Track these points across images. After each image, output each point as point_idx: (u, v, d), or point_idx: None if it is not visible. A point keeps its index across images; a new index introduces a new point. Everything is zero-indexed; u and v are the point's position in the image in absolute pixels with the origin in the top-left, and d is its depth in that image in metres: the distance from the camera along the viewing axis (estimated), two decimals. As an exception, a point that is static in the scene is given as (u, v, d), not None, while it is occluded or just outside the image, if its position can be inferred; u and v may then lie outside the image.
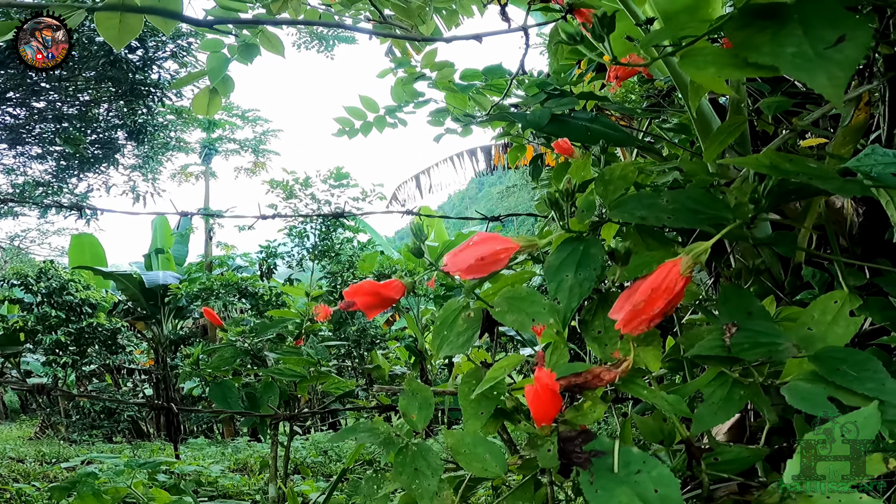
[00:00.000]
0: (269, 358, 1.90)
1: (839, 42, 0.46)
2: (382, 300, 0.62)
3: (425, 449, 0.82)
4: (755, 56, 0.48)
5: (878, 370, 0.47)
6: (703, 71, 0.53)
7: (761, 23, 0.50)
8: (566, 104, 1.67)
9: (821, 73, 0.44)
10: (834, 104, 0.44)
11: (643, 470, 0.54)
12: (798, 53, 0.47)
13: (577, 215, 0.67)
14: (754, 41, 0.49)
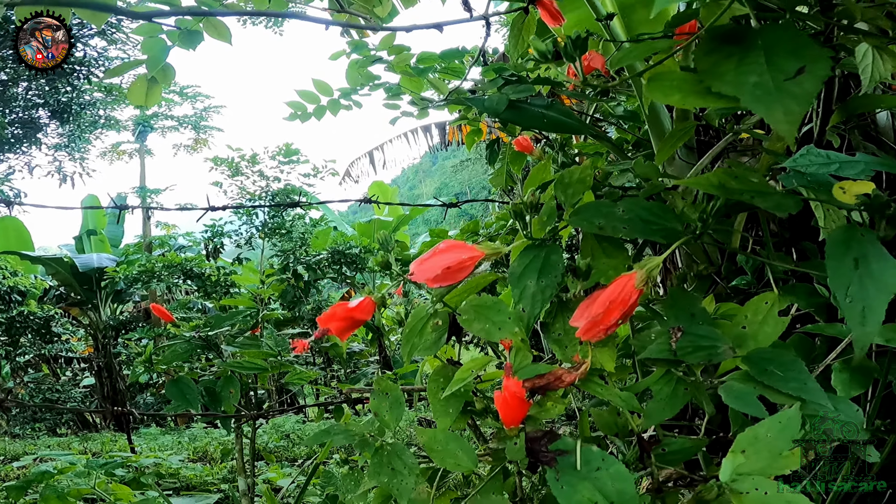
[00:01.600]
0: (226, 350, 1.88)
1: (798, 74, 0.48)
2: (355, 323, 0.64)
3: (400, 449, 0.86)
4: (718, 86, 0.50)
5: (801, 370, 0.55)
6: (669, 97, 0.56)
7: (728, 48, 0.52)
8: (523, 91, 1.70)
9: (778, 108, 0.47)
10: (787, 140, 0.47)
11: (602, 467, 0.61)
12: (759, 84, 0.49)
13: (538, 223, 0.71)
14: (719, 69, 0.51)
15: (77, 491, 1.91)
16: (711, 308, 0.72)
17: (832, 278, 0.49)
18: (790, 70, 0.49)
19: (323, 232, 6.70)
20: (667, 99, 0.55)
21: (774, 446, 0.50)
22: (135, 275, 6.40)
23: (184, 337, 1.73)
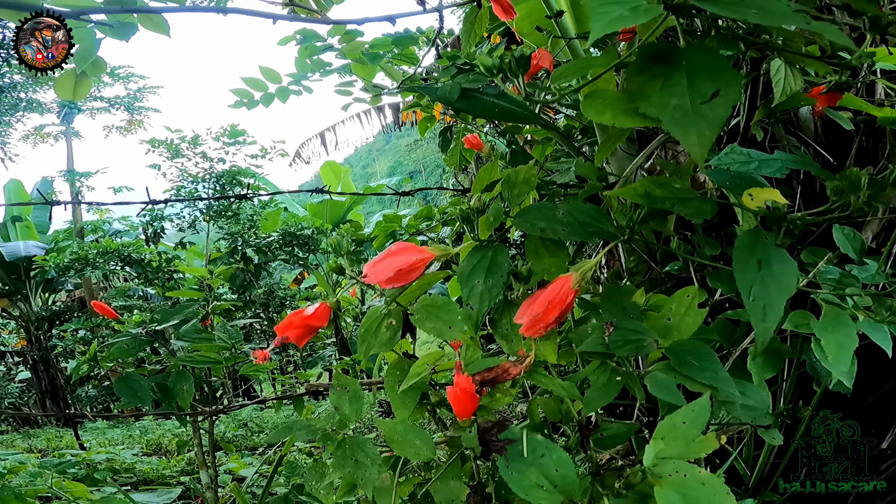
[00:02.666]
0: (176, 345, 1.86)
1: (713, 97, 0.51)
2: (312, 329, 0.67)
3: (362, 441, 0.90)
4: (644, 107, 0.54)
5: (713, 361, 0.63)
6: (602, 115, 0.59)
7: (657, 68, 0.56)
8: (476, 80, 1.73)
9: (692, 131, 0.51)
10: (698, 163, 0.51)
11: (546, 454, 0.67)
12: (679, 107, 0.52)
13: (485, 223, 0.76)
14: (646, 89, 0.54)
15: (34, 491, 1.87)
16: (642, 300, 0.79)
17: (738, 279, 0.57)
18: (707, 93, 0.52)
19: (273, 213, 6.55)
20: (599, 118, 0.59)
21: (689, 433, 0.58)
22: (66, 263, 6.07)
23: (129, 333, 1.69)
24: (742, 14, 0.47)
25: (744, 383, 0.71)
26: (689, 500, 0.55)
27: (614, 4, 0.50)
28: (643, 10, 0.50)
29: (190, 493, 2.90)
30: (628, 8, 0.48)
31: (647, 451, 0.58)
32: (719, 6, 0.49)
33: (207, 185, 5.38)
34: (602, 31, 0.48)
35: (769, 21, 0.46)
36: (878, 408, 1.37)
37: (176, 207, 5.43)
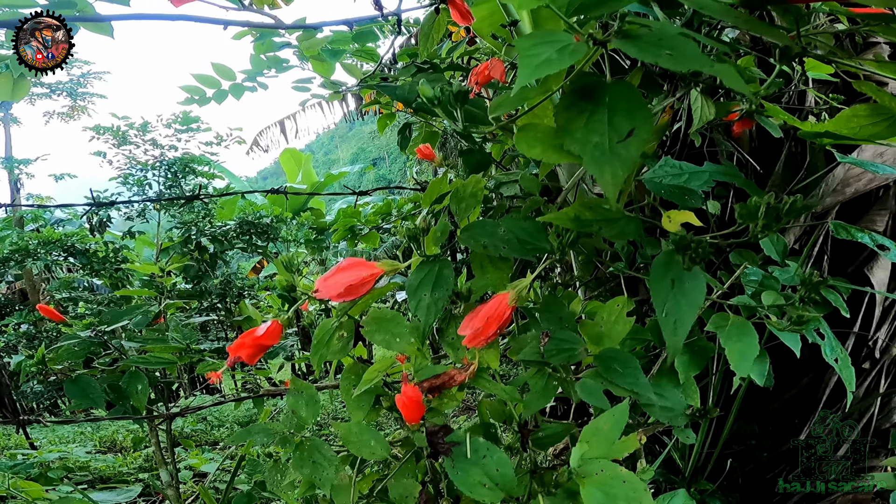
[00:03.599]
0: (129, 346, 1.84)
1: (629, 136, 0.54)
2: (264, 348, 0.71)
3: (319, 444, 0.95)
4: (568, 143, 0.57)
5: (635, 367, 0.70)
6: (532, 150, 0.63)
7: (583, 104, 0.58)
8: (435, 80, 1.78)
9: (608, 170, 0.53)
10: (610, 201, 0.53)
11: (487, 455, 0.74)
12: (598, 145, 0.54)
13: (433, 238, 0.81)
14: (572, 126, 0.57)
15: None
16: (579, 308, 0.86)
17: (654, 297, 0.64)
18: (624, 132, 0.54)
19: (230, 201, 6.41)
20: (530, 152, 0.63)
21: (611, 435, 0.65)
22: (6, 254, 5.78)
23: (77, 336, 1.67)
24: (656, 57, 0.51)
25: (663, 386, 0.80)
26: (610, 498, 0.62)
27: (544, 45, 0.53)
28: (570, 52, 0.53)
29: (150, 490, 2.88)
30: (556, 49, 0.51)
31: (574, 453, 0.65)
32: (637, 48, 0.52)
33: (158, 174, 5.21)
34: (529, 77, 0.50)
35: (678, 66, 0.50)
36: (798, 400, 1.51)
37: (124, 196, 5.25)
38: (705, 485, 1.70)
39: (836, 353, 1.02)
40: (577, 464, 0.65)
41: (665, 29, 0.53)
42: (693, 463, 1.70)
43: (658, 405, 0.76)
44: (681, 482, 1.76)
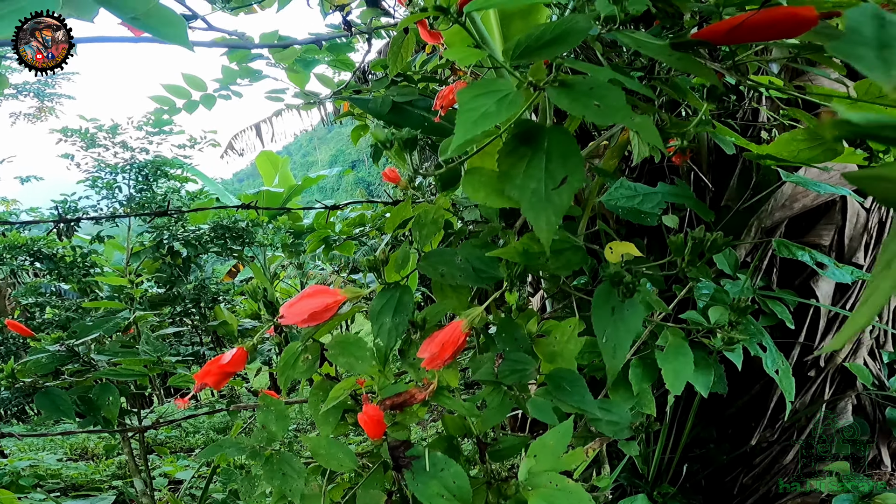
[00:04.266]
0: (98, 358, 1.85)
1: (562, 184, 0.56)
2: (229, 375, 0.75)
3: (288, 457, 1.00)
4: (509, 189, 0.58)
5: (582, 386, 0.76)
6: (477, 194, 0.66)
7: (524, 149, 0.60)
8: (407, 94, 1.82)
9: (542, 217, 0.56)
10: (545, 246, 0.55)
11: (445, 468, 0.79)
12: (536, 191, 0.57)
13: (394, 265, 0.86)
14: (513, 171, 0.59)
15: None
16: (535, 328, 0.92)
17: (595, 323, 0.70)
18: (558, 178, 0.56)
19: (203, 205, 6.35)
20: (475, 196, 0.67)
21: (556, 450, 0.71)
22: (-32, 258, 5.63)
23: (46, 350, 1.67)
24: (584, 109, 0.53)
25: (610, 402, 0.86)
26: (555, 507, 0.68)
27: (486, 96, 0.55)
28: (508, 103, 0.55)
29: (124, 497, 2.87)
30: (496, 101, 0.54)
31: (522, 467, 0.71)
32: (569, 99, 0.55)
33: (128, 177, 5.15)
34: (466, 134, 0.52)
35: (603, 120, 0.52)
36: (751, 406, 1.60)
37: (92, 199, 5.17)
38: (666, 488, 1.78)
39: (778, 364, 1.10)
40: (524, 477, 0.70)
41: (598, 76, 0.56)
42: (655, 468, 1.78)
43: (605, 420, 0.82)
44: (644, 486, 1.85)
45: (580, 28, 0.53)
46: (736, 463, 1.78)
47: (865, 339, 1.37)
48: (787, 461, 1.52)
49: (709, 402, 1.74)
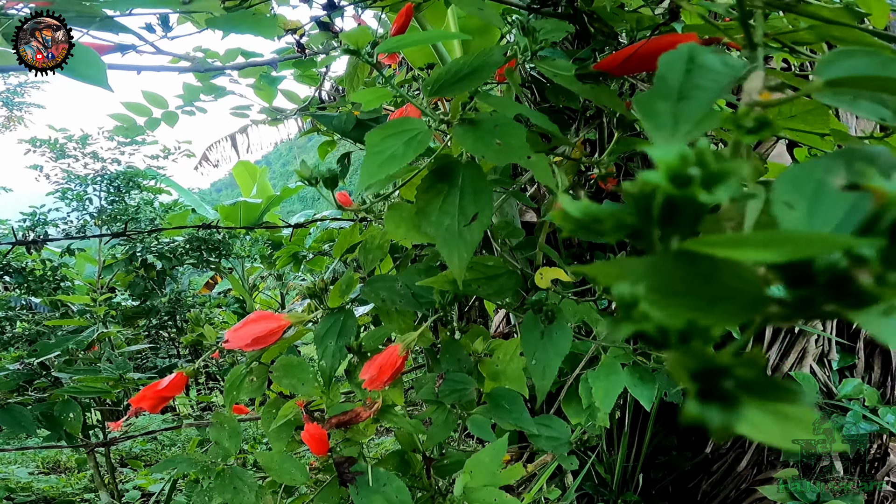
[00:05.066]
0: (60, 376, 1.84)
1: (473, 220, 0.58)
2: (165, 399, 0.77)
3: (240, 471, 1.02)
4: (425, 225, 0.59)
5: (520, 405, 0.80)
6: (398, 230, 0.68)
7: (440, 185, 0.61)
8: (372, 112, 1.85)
9: (455, 253, 0.58)
10: (458, 280, 0.56)
11: (388, 483, 0.82)
12: (449, 227, 0.58)
13: (338, 290, 0.89)
14: (429, 208, 0.60)
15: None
16: (482, 347, 0.96)
17: (524, 346, 0.74)
18: (469, 215, 0.57)
19: (178, 216, 6.29)
20: (395, 232, 0.68)
21: (492, 467, 0.74)
22: (-68, 272, 5.49)
23: (6, 369, 1.67)
24: (485, 150, 0.54)
25: (550, 418, 0.90)
26: (489, 522, 0.72)
27: (395, 137, 0.56)
28: (416, 144, 0.56)
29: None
30: (404, 141, 0.56)
31: (458, 483, 0.74)
32: (472, 139, 0.56)
33: (99, 188, 5.09)
34: (371, 178, 0.53)
35: (500, 160, 0.54)
36: None
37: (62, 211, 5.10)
38: (630, 496, 1.83)
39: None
40: (459, 492, 0.73)
41: (504, 113, 0.58)
42: (619, 476, 1.82)
43: (544, 436, 0.86)
44: (609, 495, 1.89)
45: (494, 61, 0.57)
46: (698, 470, 1.83)
47: (811, 348, 1.43)
48: (741, 468, 1.57)
49: (669, 410, 1.79)
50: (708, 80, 0.25)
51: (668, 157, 0.15)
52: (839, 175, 0.18)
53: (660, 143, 0.23)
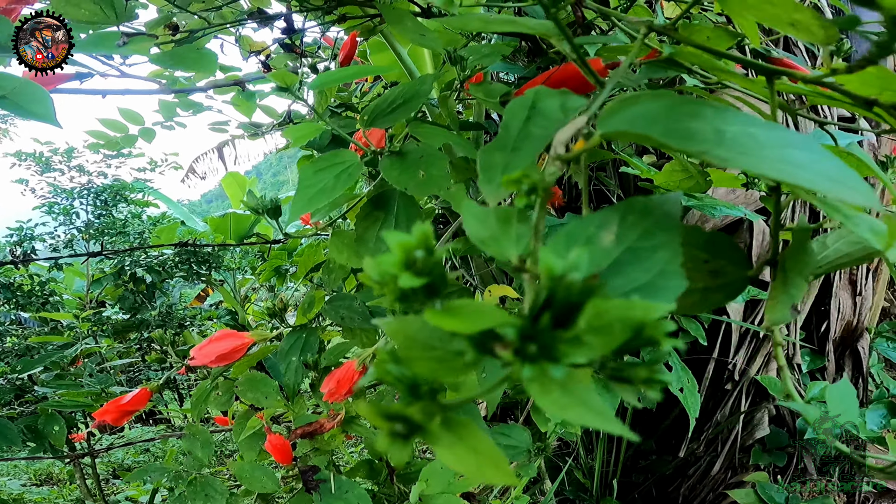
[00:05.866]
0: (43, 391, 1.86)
1: None
2: (128, 413, 0.80)
3: (211, 480, 1.05)
4: (363, 251, 0.61)
5: (477, 415, 0.83)
6: (341, 255, 0.71)
7: (377, 213, 0.62)
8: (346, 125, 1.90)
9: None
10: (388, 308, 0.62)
11: (350, 490, 0.85)
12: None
13: (302, 310, 0.92)
14: (367, 235, 0.61)
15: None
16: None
17: (476, 357, 0.77)
18: None
19: (167, 229, 6.29)
20: (339, 257, 0.70)
21: (446, 475, 0.78)
22: (-82, 289, 5.48)
23: (-13, 386, 1.69)
24: (408, 182, 0.55)
25: (510, 427, 0.93)
26: (443, 528, 0.75)
27: (327, 170, 0.57)
28: (346, 177, 0.57)
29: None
30: (335, 175, 0.58)
31: (413, 491, 0.77)
32: (397, 172, 0.58)
33: (85, 202, 5.10)
34: (298, 213, 0.55)
35: (421, 192, 0.56)
36: (674, 426, 1.69)
37: (49, 226, 5.10)
38: (610, 501, 1.86)
39: (683, 382, 1.18)
40: (415, 499, 0.77)
41: (432, 142, 0.60)
42: (598, 481, 1.86)
43: (501, 444, 0.89)
44: (589, 500, 1.92)
45: (423, 91, 0.61)
46: (678, 473, 1.87)
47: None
48: (714, 472, 1.60)
49: (646, 415, 1.82)
50: (540, 127, 0.26)
51: (400, 241, 0.19)
52: (611, 229, 0.22)
53: (489, 196, 0.26)
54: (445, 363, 0.19)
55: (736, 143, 0.22)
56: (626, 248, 0.22)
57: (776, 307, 0.37)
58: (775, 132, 0.23)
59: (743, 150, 0.21)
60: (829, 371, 1.67)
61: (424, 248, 0.19)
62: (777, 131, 0.23)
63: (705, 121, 0.23)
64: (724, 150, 0.21)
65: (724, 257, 0.37)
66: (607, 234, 0.22)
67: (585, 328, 0.17)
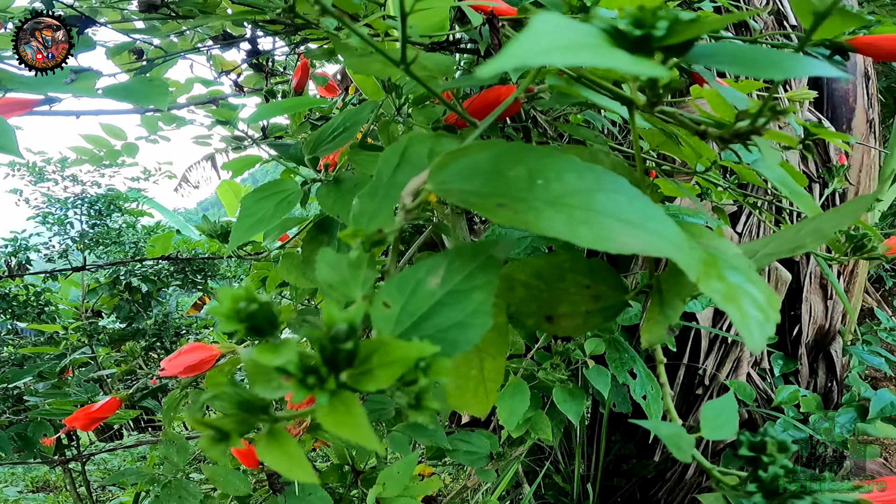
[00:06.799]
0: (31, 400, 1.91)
1: None
2: (98, 420, 0.84)
3: (185, 483, 1.11)
4: (309, 273, 0.62)
5: (436, 423, 0.88)
6: (290, 275, 0.74)
7: (321, 237, 0.62)
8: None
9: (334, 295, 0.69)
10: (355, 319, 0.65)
11: (313, 493, 0.90)
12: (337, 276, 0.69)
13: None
14: (313, 257, 0.64)
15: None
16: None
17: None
18: None
19: (162, 238, 6.33)
20: (288, 277, 0.74)
21: (402, 479, 0.82)
22: (-87, 300, 5.52)
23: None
24: (341, 210, 0.56)
25: (470, 434, 0.97)
26: (398, 531, 0.79)
27: (268, 198, 0.59)
28: (285, 205, 0.60)
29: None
30: (275, 203, 0.61)
31: (370, 495, 0.82)
32: (333, 199, 0.60)
33: (80, 212, 5.15)
34: (237, 241, 0.58)
35: (352, 223, 0.62)
36: None
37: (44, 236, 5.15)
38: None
39: (646, 390, 1.22)
40: (371, 502, 0.81)
41: (367, 172, 0.63)
42: (578, 486, 1.89)
43: (462, 450, 0.93)
44: (569, 503, 1.96)
45: (363, 119, 0.65)
46: (658, 477, 1.91)
47: (745, 357, 1.51)
48: (689, 476, 1.64)
49: (625, 419, 1.86)
50: (406, 175, 0.27)
51: (231, 294, 0.23)
52: (438, 274, 0.26)
53: (350, 243, 0.30)
54: (269, 386, 0.24)
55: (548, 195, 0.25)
56: (448, 290, 0.26)
57: (653, 328, 0.40)
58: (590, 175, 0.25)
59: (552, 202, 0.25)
60: (803, 374, 1.71)
61: (247, 300, 0.24)
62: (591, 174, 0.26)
63: (524, 166, 0.25)
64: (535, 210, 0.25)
65: (603, 283, 0.41)
66: (434, 278, 0.26)
67: (377, 363, 0.22)
